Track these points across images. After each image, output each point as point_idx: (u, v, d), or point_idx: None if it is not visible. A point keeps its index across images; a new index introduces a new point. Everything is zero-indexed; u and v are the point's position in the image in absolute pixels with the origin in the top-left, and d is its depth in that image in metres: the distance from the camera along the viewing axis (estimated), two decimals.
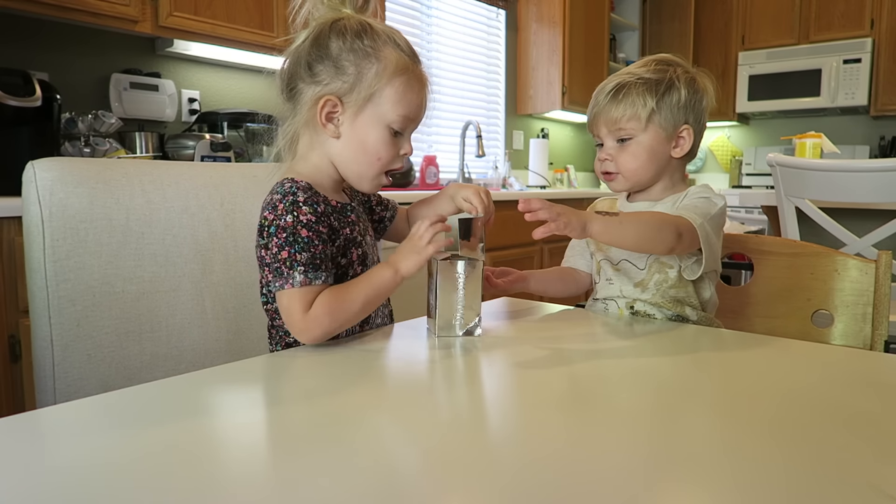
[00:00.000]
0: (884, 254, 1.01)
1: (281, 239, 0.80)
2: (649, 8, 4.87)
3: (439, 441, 0.52)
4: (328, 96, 0.84)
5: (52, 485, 0.44)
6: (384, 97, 0.84)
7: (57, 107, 1.76)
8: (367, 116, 0.85)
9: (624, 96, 0.97)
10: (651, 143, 0.98)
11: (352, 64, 0.84)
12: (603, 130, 1.00)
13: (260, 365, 0.74)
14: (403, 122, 0.86)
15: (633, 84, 0.97)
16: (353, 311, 0.81)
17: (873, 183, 1.68)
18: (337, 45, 0.84)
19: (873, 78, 4.18)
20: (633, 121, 0.97)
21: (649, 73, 0.98)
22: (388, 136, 0.86)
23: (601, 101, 0.99)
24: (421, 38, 3.49)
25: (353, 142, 0.86)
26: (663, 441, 0.53)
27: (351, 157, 0.87)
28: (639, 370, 0.74)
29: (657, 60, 1.00)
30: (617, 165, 1.00)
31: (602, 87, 1.01)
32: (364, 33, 0.84)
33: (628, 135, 0.99)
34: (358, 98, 0.84)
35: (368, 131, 0.86)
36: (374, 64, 0.84)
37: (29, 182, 0.90)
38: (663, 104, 0.97)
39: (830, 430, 0.55)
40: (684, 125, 0.99)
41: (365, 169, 0.88)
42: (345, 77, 0.84)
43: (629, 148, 0.99)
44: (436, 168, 3.24)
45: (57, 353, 0.90)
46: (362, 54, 0.84)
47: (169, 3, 2.06)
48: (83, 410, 0.59)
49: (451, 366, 0.76)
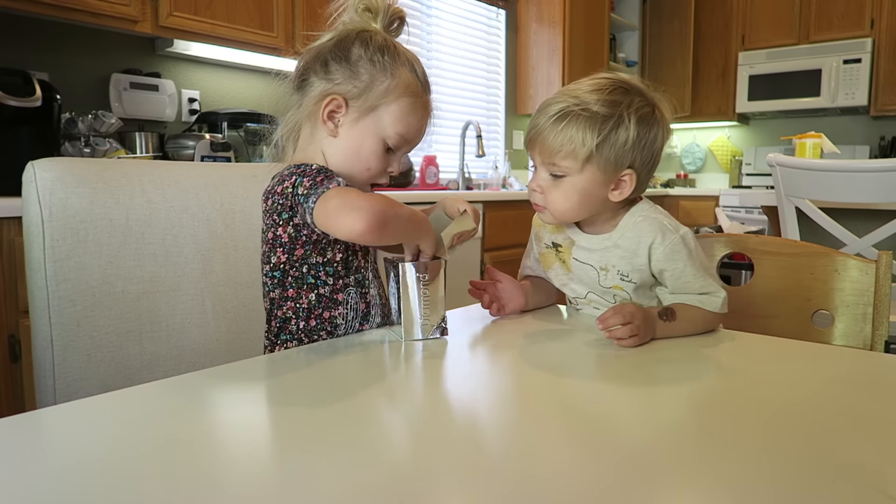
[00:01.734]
0: (884, 254, 1.01)
1: (313, 174, 0.81)
2: (649, 8, 4.87)
3: (439, 442, 0.52)
4: (335, 95, 0.86)
5: (52, 485, 0.44)
6: (388, 112, 0.87)
7: (57, 107, 1.76)
8: (368, 125, 0.87)
9: (565, 127, 0.85)
10: (585, 185, 0.88)
11: (367, 72, 0.86)
12: (537, 158, 0.90)
13: (260, 365, 0.74)
14: (399, 140, 0.88)
15: (577, 115, 0.85)
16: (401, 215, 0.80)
17: (873, 183, 1.68)
18: (358, 52, 0.87)
19: (873, 78, 4.18)
20: (568, 159, 0.86)
21: (598, 105, 0.85)
22: (381, 149, 0.88)
23: (542, 122, 0.88)
24: (421, 38, 3.49)
25: (349, 145, 0.88)
26: (662, 442, 0.53)
27: (343, 159, 0.88)
28: (636, 370, 0.74)
29: (613, 87, 0.87)
30: (545, 201, 0.91)
31: (546, 105, 0.89)
32: (386, 50, 0.87)
33: (562, 172, 0.88)
34: (363, 105, 0.86)
35: (365, 139, 0.88)
36: (388, 79, 0.86)
37: (29, 182, 0.90)
38: (605, 145, 0.85)
39: (830, 431, 0.55)
40: (627, 169, 0.87)
41: (354, 174, 0.89)
42: (357, 82, 0.86)
43: (561, 186, 0.89)
44: (436, 168, 3.24)
45: (57, 353, 0.90)
46: (379, 67, 0.86)
47: (169, 3, 2.06)
48: (83, 410, 0.59)
49: (452, 366, 0.76)
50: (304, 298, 0.87)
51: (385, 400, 0.64)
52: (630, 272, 0.91)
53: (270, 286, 0.89)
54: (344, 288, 0.88)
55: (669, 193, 4.58)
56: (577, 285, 0.98)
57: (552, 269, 1.01)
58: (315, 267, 0.86)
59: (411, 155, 3.07)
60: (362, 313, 0.90)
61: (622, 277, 0.92)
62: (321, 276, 0.87)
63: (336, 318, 0.88)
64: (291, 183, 0.81)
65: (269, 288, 0.89)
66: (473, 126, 3.48)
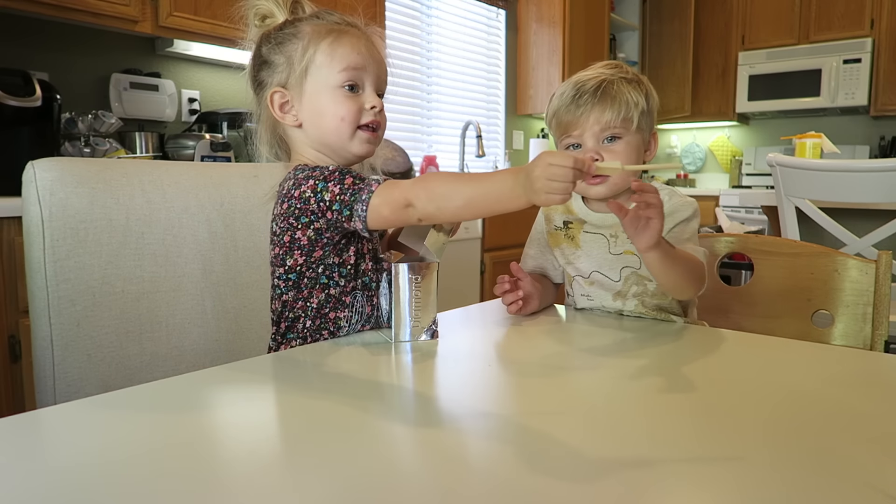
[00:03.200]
0: (884, 254, 1.01)
1: (336, 178, 0.81)
2: (649, 8, 4.87)
3: (441, 442, 0.52)
4: (273, 90, 0.87)
5: (52, 485, 0.44)
6: (317, 64, 0.86)
7: (57, 107, 1.76)
8: (311, 88, 0.86)
9: (616, 92, 0.91)
10: (637, 144, 0.94)
11: (280, 54, 0.87)
12: (591, 130, 0.92)
13: (260, 365, 0.74)
14: (348, 74, 0.86)
15: (619, 81, 0.92)
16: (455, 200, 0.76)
17: (873, 183, 1.68)
18: (266, 48, 0.89)
19: (873, 78, 4.18)
20: (626, 120, 0.91)
21: (622, 73, 0.93)
22: (340, 95, 0.86)
23: (586, 99, 0.91)
24: (421, 38, 3.49)
25: (312, 116, 0.87)
26: (662, 442, 0.53)
27: (319, 132, 0.88)
28: (635, 370, 0.74)
29: (617, 63, 0.96)
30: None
31: (577, 85, 0.92)
32: (284, 25, 0.88)
33: (618, 134, 0.92)
34: (296, 78, 0.86)
35: (318, 100, 0.87)
36: (298, 41, 0.86)
37: (29, 182, 0.90)
38: (648, 104, 0.93)
39: (830, 431, 0.55)
40: (653, 130, 0.96)
41: (336, 136, 0.87)
42: (279, 68, 0.87)
43: (619, 146, 0.92)
44: (436, 168, 3.24)
45: (57, 353, 0.90)
46: (286, 41, 0.87)
47: (169, 3, 2.06)
48: (83, 410, 0.59)
49: (454, 366, 0.76)
50: (315, 298, 0.86)
51: (387, 399, 0.64)
52: None
53: (284, 289, 0.86)
54: (352, 291, 0.87)
55: None
56: (584, 262, 0.99)
57: (559, 248, 1.02)
58: (331, 267, 0.85)
59: (411, 155, 3.07)
60: (366, 317, 0.90)
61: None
62: (335, 276, 0.86)
63: (340, 320, 0.87)
64: (311, 188, 0.80)
65: (283, 290, 0.87)
66: (473, 126, 3.48)
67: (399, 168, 2.88)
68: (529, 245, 1.09)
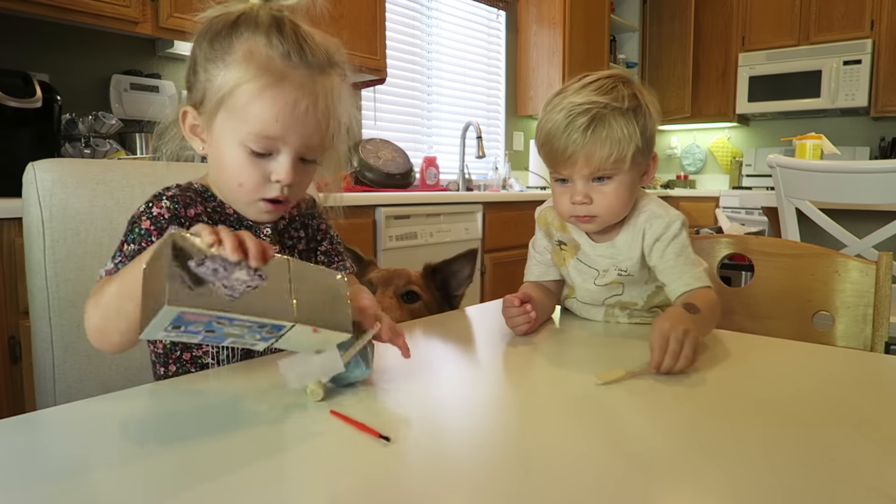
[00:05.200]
0: (884, 255, 1.01)
1: (126, 230, 0.71)
2: (649, 9, 4.88)
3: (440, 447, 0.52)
4: (185, 107, 0.74)
5: (52, 485, 0.44)
6: (230, 106, 0.68)
7: (57, 108, 1.76)
8: (219, 129, 0.71)
9: (608, 130, 0.83)
10: (632, 178, 0.87)
11: (204, 70, 0.71)
12: (580, 173, 0.86)
13: (260, 365, 0.74)
14: (258, 142, 0.68)
15: (611, 114, 0.83)
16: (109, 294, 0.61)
17: (873, 184, 1.68)
18: (199, 50, 0.72)
19: (873, 79, 4.18)
20: (618, 161, 0.84)
21: (617, 101, 0.83)
22: (244, 156, 0.69)
23: (575, 137, 0.83)
24: (421, 39, 3.49)
25: (213, 159, 0.74)
26: (662, 442, 0.53)
27: (215, 177, 0.76)
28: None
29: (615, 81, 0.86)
30: (595, 209, 0.87)
31: (568, 117, 0.84)
32: (225, 30, 0.70)
33: (609, 174, 0.86)
34: (209, 108, 0.70)
35: (223, 148, 0.71)
36: (222, 67, 0.68)
37: (29, 183, 0.90)
38: (644, 134, 0.85)
39: (830, 432, 0.55)
40: (652, 153, 0.89)
41: (232, 196, 0.74)
42: (198, 85, 0.71)
43: (609, 187, 0.86)
44: (436, 169, 3.24)
45: (57, 354, 0.90)
46: (214, 58, 0.70)
47: (169, 4, 2.06)
48: (83, 411, 0.59)
49: (458, 367, 0.76)
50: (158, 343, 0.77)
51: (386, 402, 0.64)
52: (629, 266, 0.92)
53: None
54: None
55: (669, 194, 4.58)
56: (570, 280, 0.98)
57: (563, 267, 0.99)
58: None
59: (411, 156, 3.07)
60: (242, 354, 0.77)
61: (619, 273, 0.93)
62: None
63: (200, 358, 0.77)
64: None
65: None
66: (473, 127, 3.48)
67: (399, 169, 2.88)
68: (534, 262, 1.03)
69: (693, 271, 0.89)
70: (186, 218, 0.72)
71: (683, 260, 0.89)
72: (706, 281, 0.89)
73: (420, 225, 2.54)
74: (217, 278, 0.50)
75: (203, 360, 0.75)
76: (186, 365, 0.76)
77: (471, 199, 2.85)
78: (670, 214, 0.91)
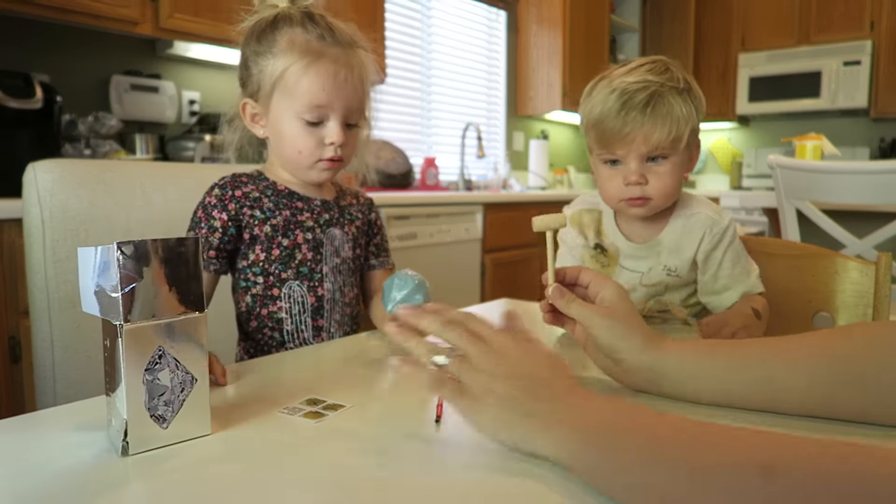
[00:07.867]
0: (884, 255, 1.01)
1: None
2: (649, 9, 4.88)
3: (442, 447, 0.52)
4: (244, 100, 0.88)
5: (52, 485, 0.44)
6: (282, 88, 0.84)
7: (57, 108, 1.76)
8: (275, 110, 0.85)
9: (667, 108, 0.81)
10: (683, 162, 0.86)
11: (255, 64, 0.86)
12: (636, 151, 0.83)
13: (260, 366, 0.74)
14: (312, 110, 0.83)
15: (668, 94, 0.82)
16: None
17: (873, 185, 1.68)
18: (248, 49, 0.87)
19: (873, 80, 4.19)
20: (675, 140, 0.82)
21: (672, 81, 0.83)
22: (300, 127, 0.84)
23: (634, 115, 0.81)
24: (421, 39, 3.50)
25: (275, 137, 0.88)
26: None
27: (278, 153, 0.89)
28: None
29: (666, 64, 0.85)
30: (650, 190, 0.85)
31: (624, 95, 0.82)
32: (268, 28, 0.85)
33: (666, 154, 0.84)
34: (264, 95, 0.86)
35: (280, 124, 0.86)
36: (270, 58, 0.84)
37: (29, 184, 0.91)
38: (698, 115, 0.85)
39: (830, 431, 0.55)
40: (699, 138, 0.89)
41: (293, 165, 0.88)
42: (252, 79, 0.87)
43: (664, 167, 0.85)
44: (436, 169, 3.24)
45: (57, 354, 0.90)
46: (263, 53, 0.85)
47: (169, 5, 2.06)
48: (83, 412, 0.59)
49: None
50: (243, 302, 0.90)
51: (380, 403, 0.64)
52: (678, 266, 0.91)
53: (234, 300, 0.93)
54: (285, 282, 0.88)
55: None
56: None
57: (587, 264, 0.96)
58: (242, 271, 0.89)
59: (411, 156, 3.08)
60: (312, 307, 0.90)
61: (669, 272, 0.91)
62: (250, 277, 0.89)
63: (276, 313, 0.89)
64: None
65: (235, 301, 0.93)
66: (474, 127, 3.48)
67: (399, 169, 2.89)
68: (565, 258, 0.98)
69: (748, 281, 0.90)
70: (233, 199, 0.87)
71: (740, 270, 0.90)
72: (761, 287, 0.90)
73: (420, 225, 2.54)
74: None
75: (276, 316, 0.88)
76: (264, 319, 0.88)
77: (471, 199, 2.85)
78: (723, 219, 0.90)
